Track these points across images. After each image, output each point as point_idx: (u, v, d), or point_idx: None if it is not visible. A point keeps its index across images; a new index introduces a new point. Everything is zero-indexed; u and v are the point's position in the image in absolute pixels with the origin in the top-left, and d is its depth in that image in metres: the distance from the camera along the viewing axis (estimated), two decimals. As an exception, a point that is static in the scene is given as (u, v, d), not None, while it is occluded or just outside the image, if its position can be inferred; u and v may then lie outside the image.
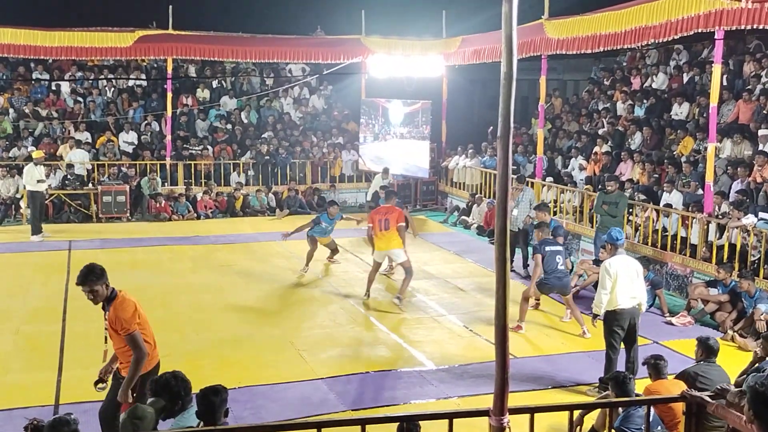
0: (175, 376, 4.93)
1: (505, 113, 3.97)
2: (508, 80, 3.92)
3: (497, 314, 4.09)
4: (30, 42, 17.89)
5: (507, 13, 3.88)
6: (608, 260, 8.07)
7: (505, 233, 4.02)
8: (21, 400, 7.44)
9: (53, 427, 4.42)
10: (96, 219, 17.45)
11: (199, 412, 4.59)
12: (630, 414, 6.12)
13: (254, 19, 25.50)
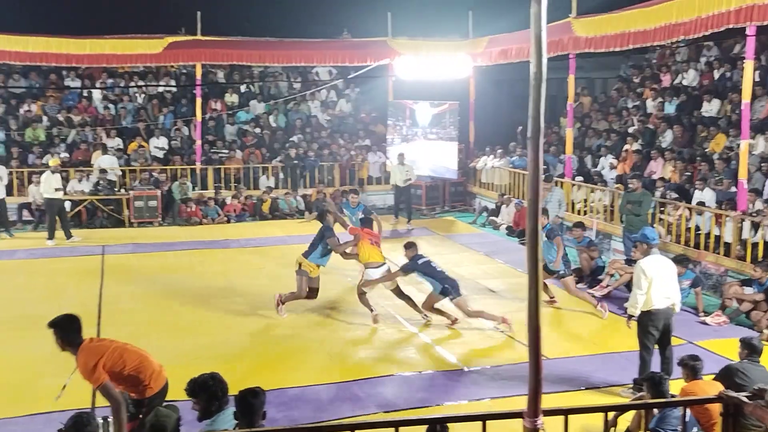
0: (213, 377, 4.99)
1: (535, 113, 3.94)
2: (537, 80, 3.89)
3: (530, 315, 4.07)
4: (62, 50, 18.21)
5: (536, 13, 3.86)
6: (643, 260, 7.92)
7: (537, 234, 4.00)
8: (57, 403, 7.52)
9: (75, 426, 4.50)
10: (128, 224, 17.68)
11: (237, 414, 4.62)
12: (666, 415, 6.06)
13: (281, 23, 25.61)
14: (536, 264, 4.15)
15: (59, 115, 20.34)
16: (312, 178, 20.18)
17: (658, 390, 6.02)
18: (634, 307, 7.87)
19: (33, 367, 8.77)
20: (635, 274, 7.94)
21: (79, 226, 17.43)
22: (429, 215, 19.44)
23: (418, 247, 10.66)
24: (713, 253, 12.09)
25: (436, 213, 19.70)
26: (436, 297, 10.15)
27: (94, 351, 5.53)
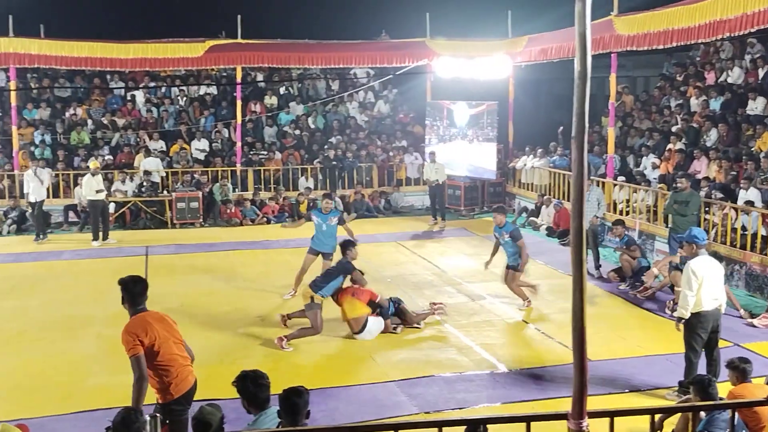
0: (257, 373, 5.04)
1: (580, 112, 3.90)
2: (582, 79, 3.85)
3: (574, 316, 4.02)
4: (106, 54, 18.53)
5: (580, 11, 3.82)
6: (693, 261, 7.79)
7: (581, 234, 3.96)
8: (103, 401, 7.66)
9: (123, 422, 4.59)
10: (170, 225, 17.94)
11: (280, 413, 4.66)
12: (714, 418, 5.95)
13: (320, 25, 25.79)
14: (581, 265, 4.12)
15: (103, 118, 20.73)
16: (350, 179, 20.25)
17: (707, 393, 5.92)
18: (685, 309, 7.71)
19: (80, 366, 8.96)
20: (685, 276, 7.77)
21: (123, 227, 17.76)
22: (467, 216, 19.36)
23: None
24: (759, 254, 11.84)
25: (475, 214, 19.62)
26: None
27: (140, 324, 5.72)
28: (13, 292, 12.35)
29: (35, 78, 21.31)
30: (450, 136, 20.32)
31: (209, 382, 8.40)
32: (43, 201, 16.48)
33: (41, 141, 19.52)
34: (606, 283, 12.61)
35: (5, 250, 15.48)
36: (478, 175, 19.75)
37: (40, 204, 16.28)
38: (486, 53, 20.05)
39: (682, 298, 7.77)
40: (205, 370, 8.81)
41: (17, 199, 17.84)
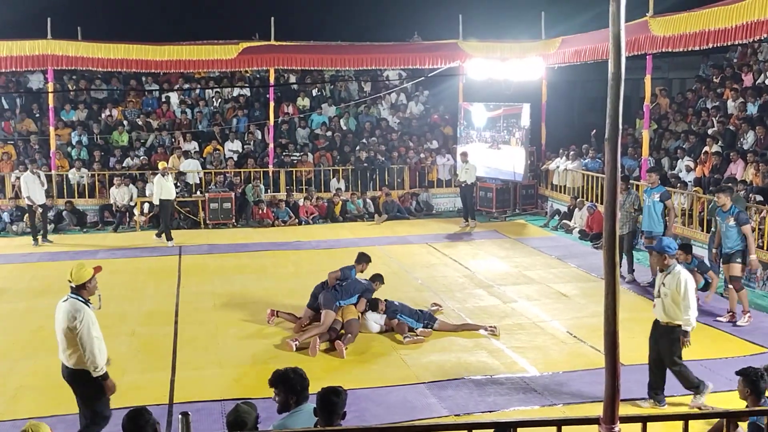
0: (295, 371, 5.07)
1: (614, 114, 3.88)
2: (616, 80, 3.83)
3: (606, 320, 3.99)
4: (141, 56, 18.77)
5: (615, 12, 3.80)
6: (685, 273, 7.72)
7: (614, 237, 3.93)
8: (137, 399, 7.73)
9: (133, 420, 4.64)
10: (204, 225, 18.12)
11: (317, 411, 4.67)
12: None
13: (352, 27, 25.88)
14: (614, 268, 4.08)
15: (138, 119, 21.01)
16: (381, 180, 20.28)
17: (756, 386, 5.87)
18: (693, 321, 7.63)
19: (114, 363, 9.03)
20: (685, 289, 7.49)
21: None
22: (499, 218, 19.27)
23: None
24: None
25: (507, 216, 19.52)
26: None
27: None
28: (50, 290, 12.54)
29: (72, 80, 21.68)
30: (467, 138, 20.23)
31: (242, 382, 8.50)
32: (45, 204, 16.40)
33: (78, 141, 19.86)
34: (639, 286, 12.47)
35: (42, 248, 15.75)
36: (496, 176, 19.60)
37: (44, 206, 16.31)
38: (519, 55, 19.96)
39: (686, 311, 7.54)
40: (238, 370, 8.92)
41: (54, 199, 18.16)
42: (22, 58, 18.00)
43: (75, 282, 6.30)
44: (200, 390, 8.10)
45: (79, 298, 6.30)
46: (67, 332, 6.19)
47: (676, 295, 7.50)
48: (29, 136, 19.84)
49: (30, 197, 15.86)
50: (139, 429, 4.70)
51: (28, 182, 15.89)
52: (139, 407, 4.86)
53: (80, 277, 6.31)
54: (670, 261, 7.63)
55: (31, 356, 9.37)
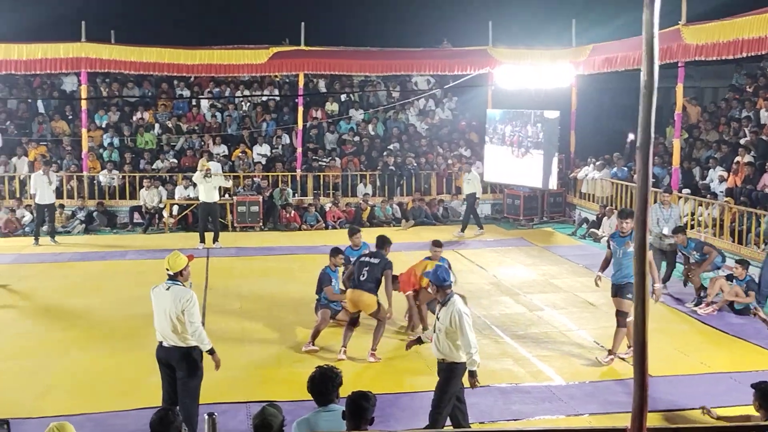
0: (332, 370, 5.10)
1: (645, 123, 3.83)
2: (649, 89, 3.78)
3: (636, 330, 3.94)
4: (173, 60, 19.00)
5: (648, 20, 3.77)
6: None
7: (645, 246, 3.88)
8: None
9: (160, 421, 4.68)
10: (231, 228, 18.24)
11: (346, 415, 4.67)
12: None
13: (382, 32, 25.91)
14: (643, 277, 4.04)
15: (169, 122, 21.24)
16: (409, 186, 20.28)
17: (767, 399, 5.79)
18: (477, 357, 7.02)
19: (143, 363, 9.15)
20: (460, 323, 6.75)
21: (185, 229, 18.15)
22: (526, 226, 19.17)
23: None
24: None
25: (534, 223, 19.41)
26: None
27: None
28: (81, 290, 12.75)
29: (105, 82, 21.99)
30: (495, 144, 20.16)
31: (267, 384, 8.55)
32: (53, 204, 16.59)
33: (109, 144, 20.12)
34: (670, 297, 12.32)
35: (73, 249, 15.97)
36: (520, 184, 19.49)
37: (50, 207, 16.46)
38: (549, 62, 19.86)
39: (470, 347, 6.83)
40: (264, 371, 8.97)
41: (85, 200, 18.43)
42: (57, 60, 18.30)
43: (172, 270, 6.87)
44: (226, 391, 8.15)
45: (180, 284, 6.86)
46: (180, 315, 6.71)
47: (450, 331, 6.74)
48: (62, 137, 20.14)
49: (35, 196, 16.13)
50: (166, 429, 4.74)
51: (37, 182, 16.16)
52: (167, 407, 4.91)
53: (177, 265, 6.88)
54: (447, 293, 6.86)
55: (60, 355, 9.51)
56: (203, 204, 16.09)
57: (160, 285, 6.95)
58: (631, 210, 9.61)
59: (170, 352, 6.86)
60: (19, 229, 17.31)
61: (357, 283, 9.33)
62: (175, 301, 6.72)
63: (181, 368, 6.85)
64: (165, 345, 6.89)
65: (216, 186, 16.09)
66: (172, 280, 6.88)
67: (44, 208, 16.30)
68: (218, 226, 16.52)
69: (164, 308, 6.78)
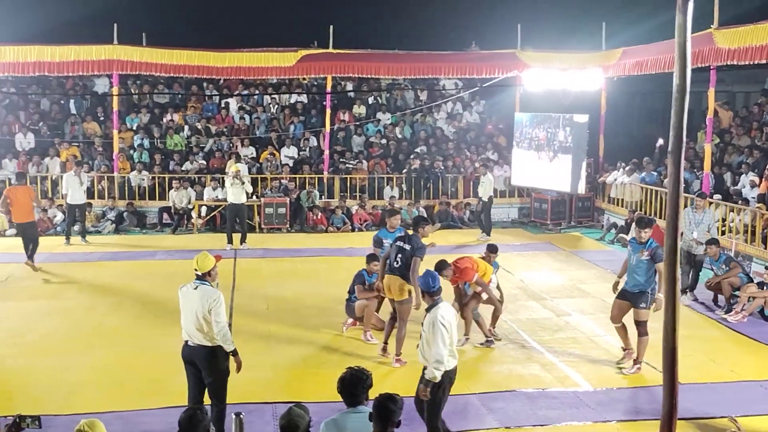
0: (363, 372, 5.11)
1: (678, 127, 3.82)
2: (681, 92, 3.77)
3: (665, 336, 3.93)
4: (203, 63, 19.14)
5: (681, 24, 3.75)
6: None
7: (676, 252, 3.86)
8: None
9: (189, 419, 4.71)
10: (258, 229, 18.35)
11: (373, 417, 4.68)
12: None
13: (410, 35, 25.98)
14: (674, 283, 4.01)
15: (198, 124, 21.43)
16: (435, 189, 20.26)
17: None
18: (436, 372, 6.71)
19: (170, 362, 9.22)
20: (433, 331, 6.62)
21: (213, 230, 18.30)
22: (554, 230, 19.04)
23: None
24: None
25: (562, 228, 19.28)
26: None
27: None
28: (111, 288, 12.91)
29: (136, 84, 22.25)
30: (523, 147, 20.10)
31: (294, 385, 8.59)
32: (84, 204, 16.79)
33: (139, 145, 20.35)
34: (699, 303, 12.17)
35: (103, 248, 16.18)
36: (547, 188, 19.42)
37: (81, 207, 16.65)
38: (578, 65, 19.73)
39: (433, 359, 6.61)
40: (290, 372, 9.01)
41: (115, 200, 18.66)
42: (89, 62, 18.54)
43: (200, 270, 6.97)
44: (252, 391, 8.19)
45: (208, 284, 6.96)
46: (206, 315, 6.78)
47: (429, 337, 6.62)
48: (94, 138, 20.42)
49: (67, 196, 16.39)
50: (194, 428, 4.78)
51: (69, 182, 16.39)
52: (195, 407, 4.95)
53: (205, 266, 6.99)
54: (434, 299, 6.73)
55: (90, 353, 9.63)
56: (231, 205, 16.22)
57: (188, 284, 7.02)
58: (649, 219, 9.46)
59: (195, 351, 6.93)
60: (50, 229, 17.57)
61: (391, 268, 9.23)
62: (202, 301, 6.80)
63: (206, 367, 6.92)
64: (191, 344, 6.96)
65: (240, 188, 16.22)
66: (200, 280, 6.96)
67: (75, 208, 16.53)
68: (245, 227, 16.65)
69: (191, 307, 6.86)
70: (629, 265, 9.14)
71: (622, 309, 9.16)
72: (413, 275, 8.92)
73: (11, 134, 20.29)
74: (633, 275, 9.00)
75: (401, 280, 9.11)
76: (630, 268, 9.10)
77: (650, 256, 8.81)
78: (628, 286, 9.07)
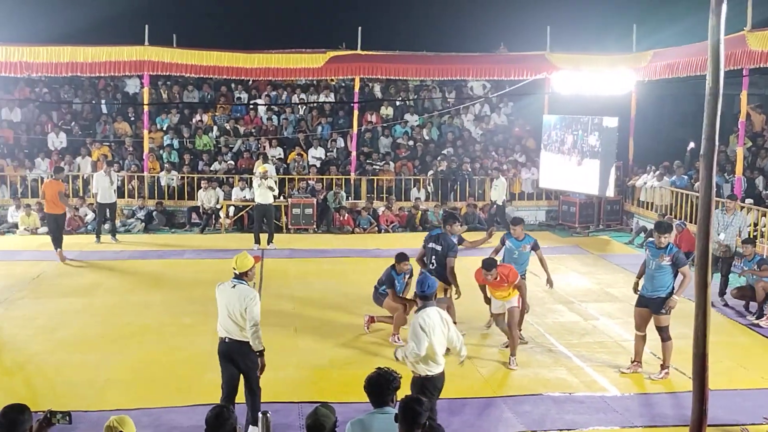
0: (390, 373, 5.12)
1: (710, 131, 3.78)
2: (714, 95, 3.73)
3: (696, 342, 3.89)
4: (232, 64, 19.31)
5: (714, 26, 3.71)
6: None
7: (707, 256, 3.82)
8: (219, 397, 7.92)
9: (216, 417, 4.74)
10: (285, 230, 18.44)
11: (399, 418, 4.68)
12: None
13: (438, 37, 25.91)
14: (705, 288, 3.97)
15: (227, 125, 21.60)
16: (462, 191, 20.21)
17: None
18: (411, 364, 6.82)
19: (198, 361, 9.35)
20: (411, 334, 6.71)
21: (241, 230, 18.42)
22: (582, 233, 18.90)
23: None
24: None
25: (590, 231, 19.12)
26: None
27: None
28: (140, 287, 13.06)
29: (166, 85, 22.49)
30: (551, 150, 20.00)
31: (320, 385, 8.62)
32: (114, 203, 17.01)
33: (169, 145, 20.56)
34: (730, 309, 12.01)
35: (133, 247, 16.36)
36: (575, 190, 19.28)
37: (112, 206, 16.87)
38: (608, 68, 19.57)
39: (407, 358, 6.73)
40: (316, 373, 9.04)
41: (145, 200, 18.87)
42: (121, 63, 18.77)
43: (239, 269, 7.18)
44: (278, 391, 8.23)
45: (245, 283, 7.18)
46: (242, 312, 7.01)
47: (408, 337, 6.77)
48: (124, 138, 20.67)
49: (97, 195, 16.62)
50: (221, 426, 4.82)
51: (99, 181, 16.64)
52: (222, 405, 4.98)
53: (243, 266, 7.20)
54: (421, 303, 6.75)
55: (120, 350, 9.74)
56: (258, 206, 16.33)
57: (226, 282, 7.24)
58: (669, 224, 9.41)
59: (232, 347, 7.15)
60: (81, 227, 17.82)
61: (428, 270, 9.46)
62: (240, 299, 7.01)
63: (242, 362, 7.16)
64: (227, 340, 7.17)
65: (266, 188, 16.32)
66: (237, 279, 7.17)
67: (105, 207, 16.75)
68: (273, 227, 16.74)
69: (228, 305, 7.09)
70: (647, 270, 9.02)
71: (644, 317, 9.06)
72: (451, 275, 9.40)
73: (44, 134, 20.63)
74: (652, 281, 8.89)
75: (438, 281, 9.11)
76: (648, 274, 8.97)
77: (672, 261, 8.72)
78: (647, 292, 8.96)
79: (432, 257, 9.54)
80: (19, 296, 12.19)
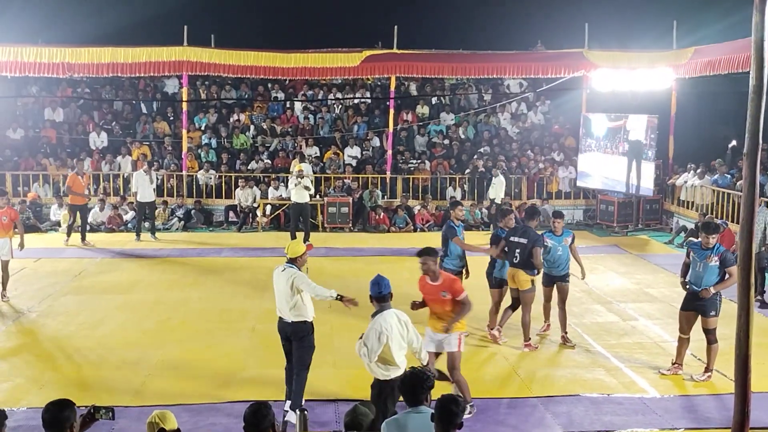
0: (424, 372, 5.15)
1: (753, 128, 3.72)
2: (757, 93, 3.67)
3: (738, 344, 3.82)
4: (269, 63, 19.48)
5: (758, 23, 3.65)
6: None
7: (750, 256, 3.76)
8: (257, 393, 8.00)
9: (254, 414, 4.78)
10: (321, 228, 18.54)
11: (435, 418, 4.69)
12: None
13: (474, 35, 25.82)
14: (748, 289, 3.91)
15: (264, 124, 21.78)
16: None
17: None
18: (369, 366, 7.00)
19: (236, 358, 9.46)
20: (366, 336, 6.97)
21: (278, 228, 18.57)
22: (620, 233, 18.67)
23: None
24: None
25: (628, 231, 18.89)
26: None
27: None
28: (178, 284, 13.24)
29: (204, 85, 22.75)
30: (586, 146, 19.80)
31: (355, 384, 8.64)
32: (154, 201, 17.29)
33: (207, 144, 20.80)
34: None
35: (172, 245, 16.59)
36: (609, 188, 19.08)
37: (151, 204, 17.13)
38: (647, 65, 19.30)
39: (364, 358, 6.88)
40: (352, 371, 9.07)
41: (183, 198, 19.12)
42: (160, 63, 19.06)
43: (290, 255, 7.76)
44: (315, 389, 8.28)
45: (295, 267, 7.73)
46: (289, 291, 7.60)
47: (366, 340, 6.81)
48: (164, 138, 20.97)
49: (137, 194, 16.87)
50: (259, 422, 4.86)
51: (139, 180, 16.88)
52: (261, 401, 5.02)
53: (295, 252, 7.78)
54: (378, 305, 7.03)
55: (159, 346, 9.88)
56: (295, 204, 16.44)
57: (279, 267, 7.81)
58: (717, 225, 9.22)
59: (285, 326, 7.77)
60: (121, 225, 18.12)
61: (512, 263, 9.90)
62: (286, 279, 7.61)
63: (294, 339, 7.75)
64: (283, 319, 7.78)
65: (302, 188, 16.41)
66: (288, 263, 7.75)
67: (145, 206, 17.01)
68: (309, 226, 16.85)
69: (279, 287, 7.70)
70: (694, 271, 8.80)
71: (690, 320, 8.89)
72: (537, 263, 9.75)
73: (85, 133, 21.02)
74: (699, 282, 8.70)
75: (523, 272, 9.79)
76: (696, 275, 8.76)
77: (720, 261, 8.56)
78: (693, 295, 8.80)
79: (516, 250, 9.81)
80: (62, 293, 12.44)
